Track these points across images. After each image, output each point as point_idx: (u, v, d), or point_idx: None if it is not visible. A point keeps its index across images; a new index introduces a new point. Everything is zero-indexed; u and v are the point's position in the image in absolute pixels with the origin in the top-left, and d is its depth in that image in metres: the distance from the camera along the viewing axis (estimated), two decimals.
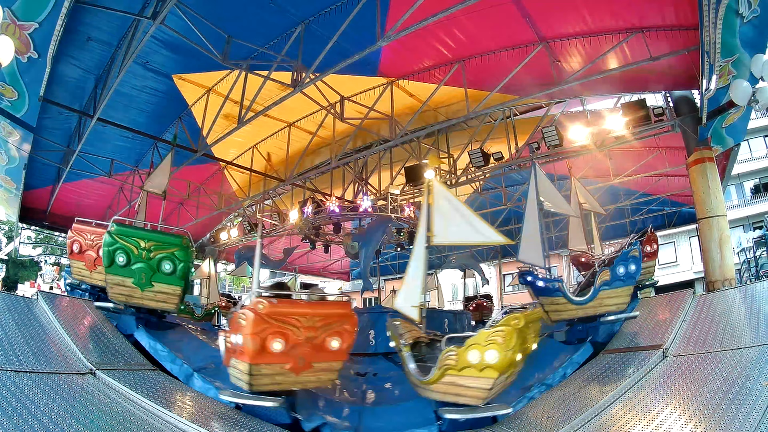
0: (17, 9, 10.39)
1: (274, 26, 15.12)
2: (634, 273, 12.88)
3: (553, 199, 14.78)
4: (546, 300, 13.71)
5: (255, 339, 9.02)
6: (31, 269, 49.64)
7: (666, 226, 31.25)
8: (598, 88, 17.32)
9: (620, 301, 12.91)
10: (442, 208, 10.77)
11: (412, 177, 22.57)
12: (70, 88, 16.32)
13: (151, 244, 12.65)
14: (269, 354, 9.19)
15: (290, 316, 9.45)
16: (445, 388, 9.15)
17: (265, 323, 9.12)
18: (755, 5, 10.28)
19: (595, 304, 12.97)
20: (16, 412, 6.90)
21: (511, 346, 8.71)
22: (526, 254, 13.10)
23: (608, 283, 12.96)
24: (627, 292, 12.94)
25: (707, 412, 7.36)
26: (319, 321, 9.72)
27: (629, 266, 12.83)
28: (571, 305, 13.22)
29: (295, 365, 9.50)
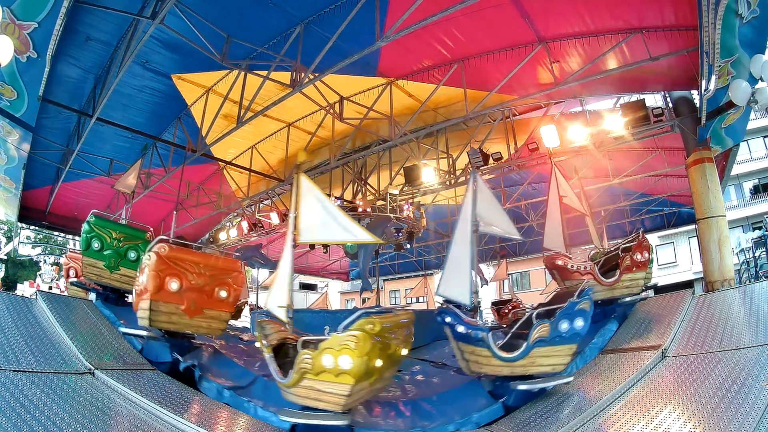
0: (17, 8, 10.39)
1: (273, 26, 15.12)
2: (581, 330, 10.40)
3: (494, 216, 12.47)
4: (466, 348, 10.82)
5: (155, 277, 10.99)
6: (30, 269, 49.69)
7: (665, 226, 31.27)
8: (598, 88, 17.32)
9: (558, 362, 10.46)
10: (310, 206, 10.56)
11: (411, 177, 22.58)
12: (70, 87, 16.32)
13: (121, 235, 14.23)
14: (166, 292, 11.17)
15: (186, 261, 11.51)
16: (305, 392, 9.23)
17: (164, 264, 11.09)
18: (755, 6, 10.27)
19: (525, 362, 10.26)
20: (14, 411, 6.90)
21: (365, 352, 8.81)
22: (448, 287, 11.12)
23: (546, 340, 10.34)
24: (568, 351, 10.48)
25: (706, 413, 7.36)
26: (210, 271, 11.80)
27: (575, 321, 10.34)
28: (496, 360, 10.39)
29: (188, 308, 11.48)
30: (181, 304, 11.43)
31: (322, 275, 45.91)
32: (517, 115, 21.65)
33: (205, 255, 12.91)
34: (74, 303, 12.95)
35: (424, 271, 41.72)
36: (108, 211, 25.92)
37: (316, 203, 10.44)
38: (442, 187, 23.89)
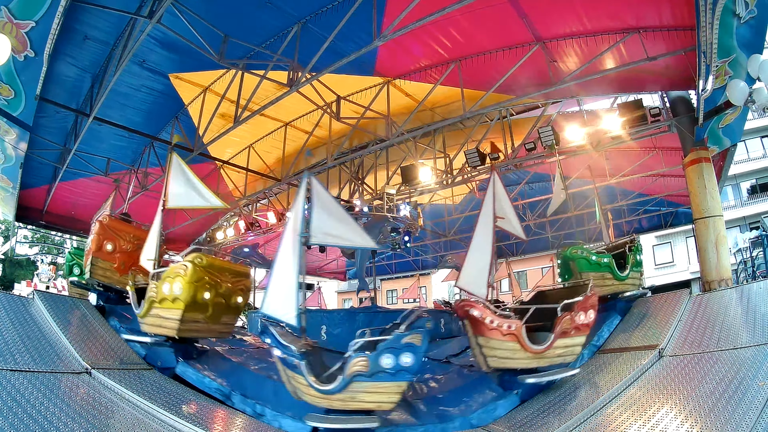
0: (14, 7, 10.38)
1: (270, 25, 15.11)
2: (410, 367, 8.97)
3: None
4: (288, 372, 9.86)
5: (97, 240, 14.32)
6: (28, 268, 49.67)
7: (662, 226, 31.27)
8: (595, 88, 17.33)
9: (384, 399, 9.15)
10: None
11: (408, 177, 22.58)
12: (67, 86, 16.28)
13: None
14: (104, 252, 14.44)
15: (120, 231, 14.94)
16: (152, 321, 10.82)
17: (104, 231, 14.50)
18: (752, 6, 10.29)
19: (345, 397, 8.95)
20: (11, 411, 6.91)
21: (194, 279, 10.68)
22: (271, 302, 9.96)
23: (366, 375, 8.97)
24: (397, 389, 9.12)
25: (703, 412, 7.37)
26: (136, 240, 14.75)
27: (401, 357, 8.91)
28: (313, 391, 9.17)
29: (119, 267, 14.58)
30: (114, 263, 14.00)
31: (318, 275, 45.87)
32: (514, 114, 21.64)
33: (137, 228, 15.14)
34: (71, 302, 12.96)
35: (420, 270, 41.76)
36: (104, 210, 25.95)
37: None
38: (439, 186, 23.88)
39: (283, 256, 10.00)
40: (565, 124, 19.73)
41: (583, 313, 11.04)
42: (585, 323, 11.12)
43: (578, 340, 11.21)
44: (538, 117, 20.81)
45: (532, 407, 10.11)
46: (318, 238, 9.95)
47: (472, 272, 11.54)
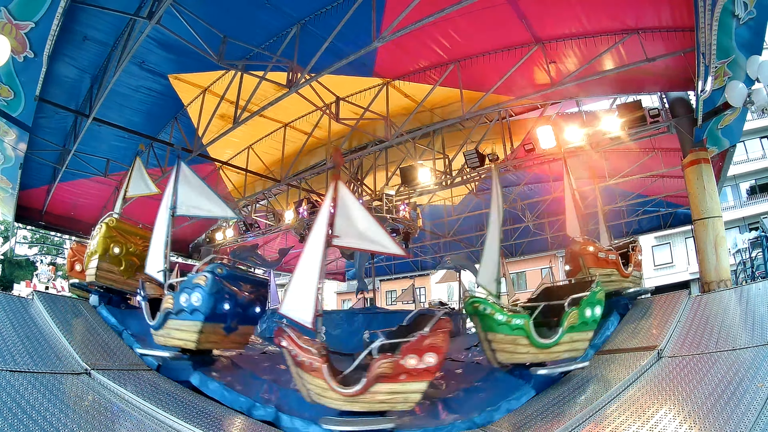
0: (14, 8, 10.39)
1: (269, 26, 15.12)
2: (201, 306, 10.36)
3: None
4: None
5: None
6: (27, 269, 49.65)
7: (662, 227, 31.25)
8: (594, 89, 17.35)
9: (187, 338, 10.61)
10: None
11: (407, 178, 22.58)
12: (66, 87, 16.30)
13: None
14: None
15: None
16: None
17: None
18: (751, 7, 10.30)
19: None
20: (11, 412, 6.91)
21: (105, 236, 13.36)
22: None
23: (175, 311, 10.66)
24: (194, 328, 10.52)
25: (702, 413, 7.37)
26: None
27: (192, 295, 10.37)
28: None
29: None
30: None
31: None
32: (513, 115, 21.65)
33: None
34: (70, 303, 12.95)
35: (420, 271, 41.76)
36: (104, 211, 25.90)
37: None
38: (439, 187, 23.91)
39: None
40: (565, 125, 19.73)
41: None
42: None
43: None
44: (538, 118, 20.84)
45: (531, 408, 10.11)
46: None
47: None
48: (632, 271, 14.50)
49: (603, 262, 13.98)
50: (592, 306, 11.16)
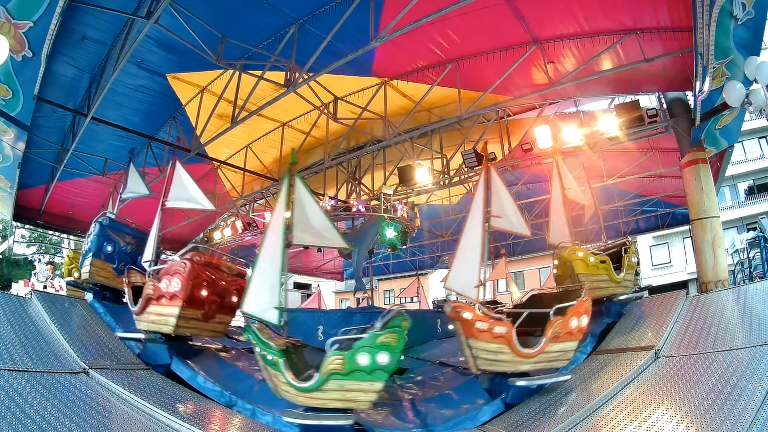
0: (12, 7, 10.39)
1: (268, 26, 15.12)
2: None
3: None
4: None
5: None
6: (25, 268, 49.64)
7: (660, 227, 31.28)
8: (592, 89, 17.36)
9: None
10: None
11: (405, 177, 22.59)
12: (65, 86, 16.29)
13: None
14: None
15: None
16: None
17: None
18: (749, 7, 10.30)
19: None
20: (9, 411, 6.92)
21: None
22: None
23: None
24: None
25: (699, 413, 7.39)
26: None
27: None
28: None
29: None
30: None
31: (316, 275, 45.84)
32: (511, 115, 21.67)
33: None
34: (69, 302, 12.97)
35: (417, 270, 41.74)
36: (103, 210, 25.96)
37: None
38: (436, 187, 23.91)
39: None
40: (562, 125, 19.74)
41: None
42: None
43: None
44: (536, 118, 20.85)
45: (528, 408, 10.13)
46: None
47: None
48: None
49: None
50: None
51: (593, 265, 13.90)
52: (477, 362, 10.60)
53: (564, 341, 10.82)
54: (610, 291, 13.98)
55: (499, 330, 10.42)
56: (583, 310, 11.06)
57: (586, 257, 13.90)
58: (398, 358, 9.00)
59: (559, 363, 11.00)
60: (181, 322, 11.30)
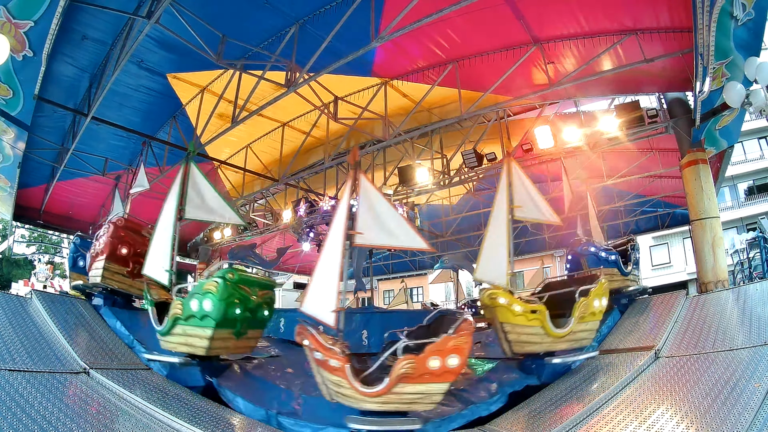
0: (13, 7, 10.41)
1: (268, 26, 15.14)
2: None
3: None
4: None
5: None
6: (25, 268, 49.61)
7: (659, 227, 31.31)
8: (592, 89, 17.37)
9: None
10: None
11: (405, 177, 22.59)
12: (65, 86, 16.31)
13: None
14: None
15: None
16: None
17: None
18: (749, 8, 10.31)
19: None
20: (10, 410, 6.92)
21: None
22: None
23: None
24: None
25: (699, 413, 7.39)
26: None
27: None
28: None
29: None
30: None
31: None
32: (511, 115, 21.67)
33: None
34: (69, 302, 12.95)
35: (417, 271, 41.76)
36: (102, 210, 25.96)
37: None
38: (436, 187, 23.89)
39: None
40: (563, 125, 19.74)
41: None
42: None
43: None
44: (536, 118, 20.86)
45: (529, 407, 10.12)
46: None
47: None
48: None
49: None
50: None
51: (521, 315, 11.26)
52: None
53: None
54: (546, 347, 11.35)
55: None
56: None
57: (510, 304, 11.20)
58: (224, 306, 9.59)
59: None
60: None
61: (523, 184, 12.04)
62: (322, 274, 9.92)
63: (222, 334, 10.63)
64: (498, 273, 11.23)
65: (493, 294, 10.92)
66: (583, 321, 11.10)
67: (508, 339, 10.90)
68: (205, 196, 11.88)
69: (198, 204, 11.73)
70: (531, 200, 12.06)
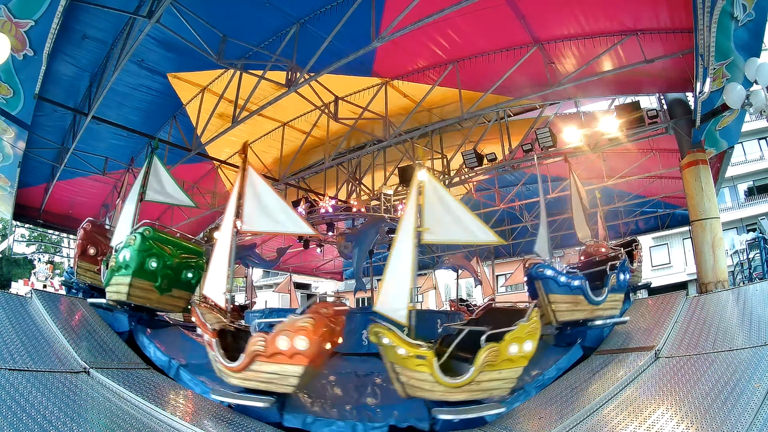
0: (14, 6, 10.40)
1: (269, 26, 15.14)
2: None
3: None
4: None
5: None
6: (25, 267, 49.63)
7: (659, 227, 31.39)
8: (593, 90, 17.37)
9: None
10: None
11: (405, 177, 22.60)
12: (65, 85, 16.31)
13: None
14: None
15: None
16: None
17: None
18: (750, 8, 10.31)
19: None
20: (10, 410, 6.91)
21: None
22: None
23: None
24: None
25: (699, 414, 7.40)
26: None
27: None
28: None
29: None
30: None
31: (315, 275, 45.87)
32: (511, 116, 21.68)
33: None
34: (69, 302, 12.96)
35: (418, 271, 41.70)
36: (103, 210, 26.00)
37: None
38: None
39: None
40: (563, 126, 19.75)
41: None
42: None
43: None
44: (536, 118, 20.87)
45: (528, 407, 10.12)
46: None
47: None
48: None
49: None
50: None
51: (406, 359, 9.94)
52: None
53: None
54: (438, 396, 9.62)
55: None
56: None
57: (394, 346, 9.89)
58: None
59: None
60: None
61: (442, 200, 11.22)
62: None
63: (141, 284, 12.15)
64: (397, 307, 10.21)
65: (378, 332, 9.86)
66: (493, 369, 9.26)
67: (399, 380, 9.97)
68: (164, 183, 13.49)
69: (158, 189, 13.31)
70: (450, 219, 11.13)
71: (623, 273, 13.10)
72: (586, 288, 12.54)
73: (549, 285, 12.51)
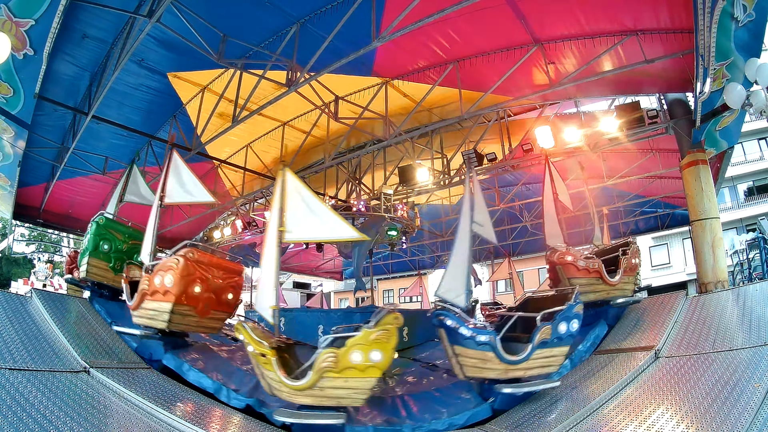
0: (14, 6, 10.40)
1: (269, 25, 15.13)
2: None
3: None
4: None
5: None
6: (25, 266, 49.66)
7: (659, 227, 31.36)
8: (593, 90, 17.36)
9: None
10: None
11: (405, 177, 22.59)
12: (65, 85, 16.31)
13: None
14: None
15: None
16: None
17: None
18: (750, 9, 10.31)
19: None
20: (10, 409, 6.92)
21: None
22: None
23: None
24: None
25: (699, 413, 7.41)
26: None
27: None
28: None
29: None
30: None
31: (315, 274, 45.87)
32: (511, 115, 21.67)
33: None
34: (69, 301, 12.98)
35: (417, 270, 41.73)
36: (102, 209, 25.99)
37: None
38: (437, 187, 23.87)
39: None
40: (563, 126, 19.74)
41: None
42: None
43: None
44: (536, 118, 20.87)
45: (528, 407, 10.12)
46: None
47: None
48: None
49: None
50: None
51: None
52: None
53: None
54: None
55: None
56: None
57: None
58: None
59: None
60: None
61: (303, 198, 10.60)
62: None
63: (97, 263, 14.34)
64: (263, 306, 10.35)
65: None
66: (338, 376, 9.03)
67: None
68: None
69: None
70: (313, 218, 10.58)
71: (566, 322, 10.74)
72: (496, 345, 10.23)
73: (452, 335, 10.53)
